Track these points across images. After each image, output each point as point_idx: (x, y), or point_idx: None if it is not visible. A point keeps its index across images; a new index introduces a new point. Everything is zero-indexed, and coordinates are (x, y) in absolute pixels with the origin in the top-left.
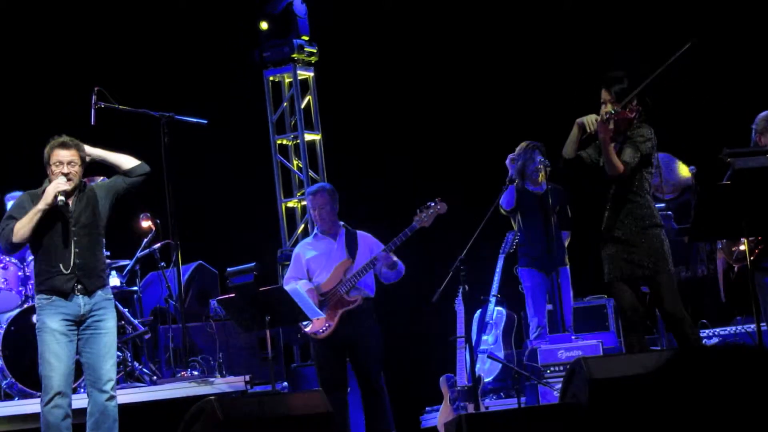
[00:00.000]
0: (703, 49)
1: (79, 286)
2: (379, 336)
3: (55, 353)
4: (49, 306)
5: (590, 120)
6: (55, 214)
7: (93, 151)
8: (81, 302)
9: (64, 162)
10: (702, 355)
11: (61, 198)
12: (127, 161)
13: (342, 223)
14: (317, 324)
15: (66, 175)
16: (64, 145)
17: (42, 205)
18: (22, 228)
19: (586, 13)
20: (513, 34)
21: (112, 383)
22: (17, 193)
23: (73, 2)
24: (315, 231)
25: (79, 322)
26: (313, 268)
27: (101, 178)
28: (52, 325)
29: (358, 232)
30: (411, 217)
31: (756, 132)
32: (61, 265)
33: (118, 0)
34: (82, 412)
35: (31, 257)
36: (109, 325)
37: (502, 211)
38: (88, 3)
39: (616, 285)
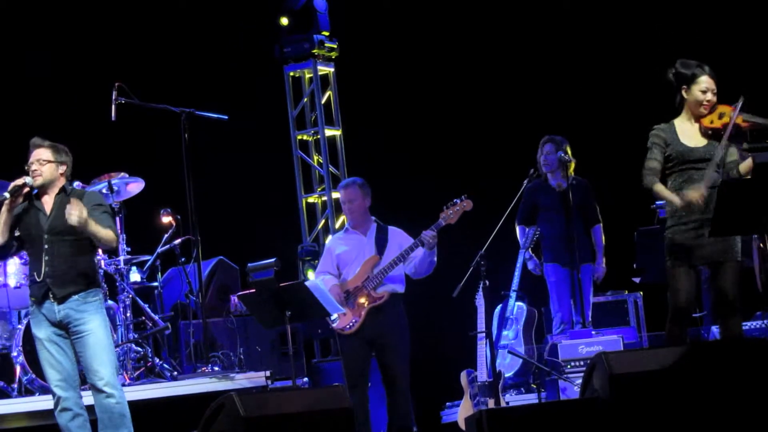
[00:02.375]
0: (718, 43)
1: (50, 294)
2: (406, 332)
3: (48, 361)
4: (33, 314)
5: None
6: (33, 222)
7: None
8: (54, 309)
9: (33, 161)
10: (720, 350)
11: (5, 194)
12: (103, 239)
13: (374, 218)
14: (344, 320)
15: (34, 171)
16: (31, 145)
17: (3, 207)
18: None
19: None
20: (537, 27)
21: (103, 381)
22: None
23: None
24: (346, 225)
25: (61, 327)
26: (343, 263)
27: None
28: (39, 334)
29: (390, 227)
30: (437, 214)
31: None
32: (35, 274)
33: None
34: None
35: None
36: (91, 326)
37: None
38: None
39: (680, 271)
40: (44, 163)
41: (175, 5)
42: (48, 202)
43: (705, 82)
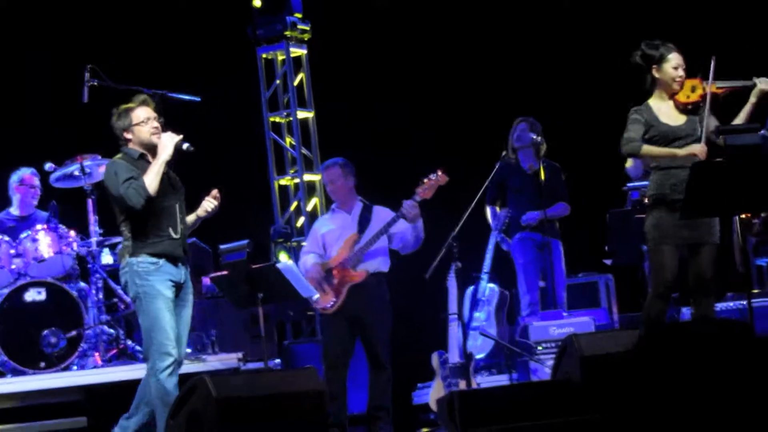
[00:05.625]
0: (683, 24)
1: (183, 254)
2: (388, 311)
3: (170, 321)
4: (157, 271)
5: (699, 152)
6: (164, 177)
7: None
8: (183, 271)
9: (151, 117)
10: (690, 331)
11: (186, 144)
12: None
13: (360, 198)
14: (325, 299)
15: (157, 128)
16: (146, 102)
17: (165, 156)
18: (153, 181)
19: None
20: (510, 10)
21: (182, 358)
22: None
23: None
24: (333, 205)
25: (176, 291)
26: (328, 242)
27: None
28: (165, 292)
29: (375, 206)
30: (410, 193)
31: None
32: (171, 230)
33: None
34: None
35: (24, 234)
36: (191, 298)
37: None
38: None
39: (664, 249)
40: (159, 120)
41: None
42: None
43: (675, 58)
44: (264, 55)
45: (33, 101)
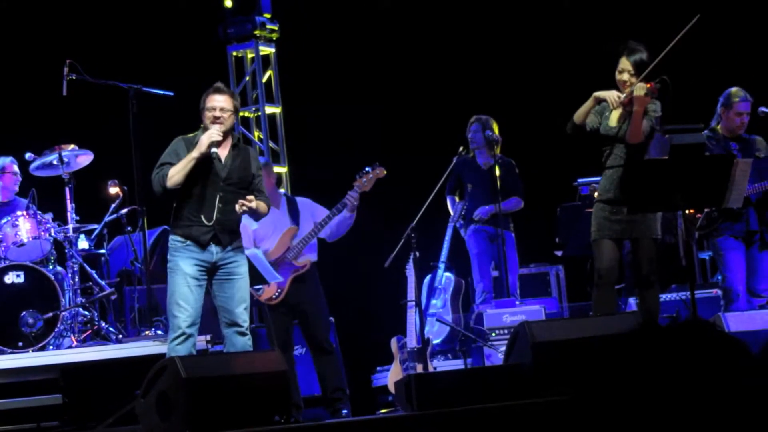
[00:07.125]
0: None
1: (214, 239)
2: (324, 298)
3: (184, 296)
4: (184, 249)
5: (612, 97)
6: (209, 165)
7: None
8: (213, 251)
9: (216, 107)
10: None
11: (214, 150)
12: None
13: (282, 191)
14: (269, 291)
15: (217, 119)
16: (218, 90)
17: (196, 153)
18: (176, 174)
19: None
20: (475, 11)
21: (246, 324)
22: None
23: None
24: None
25: (211, 270)
26: (260, 237)
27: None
28: (185, 269)
29: (297, 198)
30: (351, 183)
31: (721, 105)
32: (202, 217)
33: None
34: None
35: (5, 220)
36: (242, 270)
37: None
38: None
39: (601, 242)
40: (227, 112)
41: None
42: (221, 150)
43: (621, 63)
44: (234, 53)
45: (15, 94)
